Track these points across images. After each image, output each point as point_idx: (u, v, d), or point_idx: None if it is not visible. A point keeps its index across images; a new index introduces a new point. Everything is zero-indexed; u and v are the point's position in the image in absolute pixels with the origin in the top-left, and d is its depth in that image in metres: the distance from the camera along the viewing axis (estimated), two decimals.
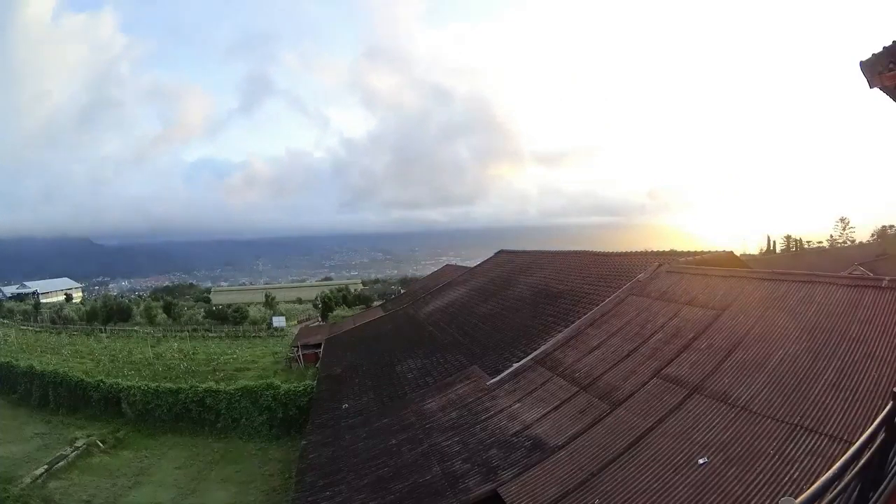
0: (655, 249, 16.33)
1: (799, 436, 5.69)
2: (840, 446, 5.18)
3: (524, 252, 26.75)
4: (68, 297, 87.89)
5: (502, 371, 11.71)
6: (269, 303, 63.97)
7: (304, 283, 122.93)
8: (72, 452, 15.63)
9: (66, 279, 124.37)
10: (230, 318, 52.53)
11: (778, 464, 5.42)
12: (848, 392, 5.98)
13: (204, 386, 19.27)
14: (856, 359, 6.48)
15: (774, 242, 79.24)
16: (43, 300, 78.17)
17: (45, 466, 14.47)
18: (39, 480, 13.79)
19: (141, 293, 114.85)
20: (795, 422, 5.91)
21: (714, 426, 6.58)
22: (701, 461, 5.98)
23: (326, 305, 55.27)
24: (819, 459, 5.19)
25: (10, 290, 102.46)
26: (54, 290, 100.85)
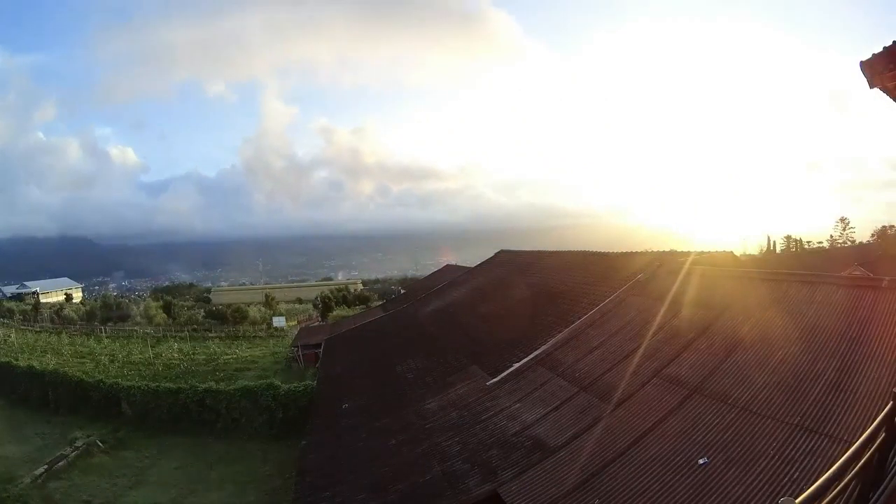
0: (656, 249, 16.34)
1: (799, 436, 5.69)
2: (840, 446, 5.18)
3: (524, 252, 26.74)
4: (68, 297, 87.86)
5: (502, 371, 11.70)
6: (269, 303, 64.00)
7: (304, 283, 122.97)
8: (72, 452, 15.63)
9: (66, 279, 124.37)
10: (230, 319, 52.57)
11: (778, 464, 5.42)
12: (848, 392, 5.98)
13: (204, 386, 19.26)
14: (856, 359, 6.48)
15: (774, 242, 79.18)
16: (43, 300, 78.16)
17: (45, 466, 14.47)
18: (39, 480, 13.79)
19: (141, 293, 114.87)
20: (795, 422, 5.91)
21: (714, 426, 6.58)
22: (701, 461, 5.98)
23: (326, 305, 55.31)
24: (819, 459, 5.19)
25: (10, 290, 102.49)
26: (54, 290, 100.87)
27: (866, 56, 4.30)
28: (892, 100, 4.37)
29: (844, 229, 70.52)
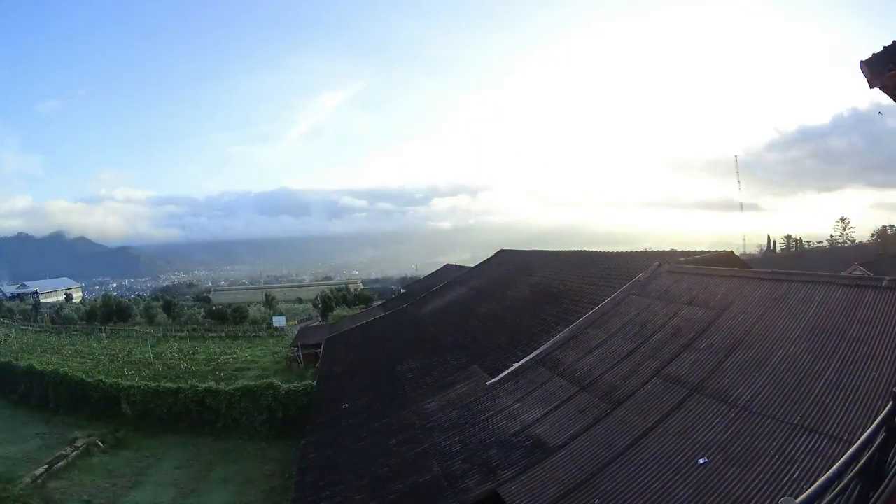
0: (656, 249, 16.35)
1: (799, 436, 5.68)
2: (840, 446, 5.17)
3: (524, 252, 26.78)
4: (68, 297, 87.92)
5: (502, 371, 11.70)
6: (269, 303, 64.04)
7: (304, 283, 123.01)
8: (72, 452, 15.64)
9: (66, 279, 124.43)
10: (230, 318, 52.58)
11: (778, 464, 5.42)
12: (848, 392, 5.97)
13: (204, 386, 19.28)
14: (856, 359, 6.47)
15: (774, 242, 79.31)
16: (43, 300, 78.25)
17: (45, 466, 14.47)
18: (39, 480, 13.79)
19: (141, 293, 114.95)
20: (795, 422, 5.91)
21: (714, 426, 6.58)
22: (701, 461, 5.98)
23: (326, 305, 55.37)
24: (819, 459, 5.19)
25: (10, 290, 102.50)
26: (54, 290, 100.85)
27: (866, 56, 4.30)
28: (892, 99, 4.38)
29: (844, 229, 70.63)
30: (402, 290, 47.72)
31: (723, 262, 13.30)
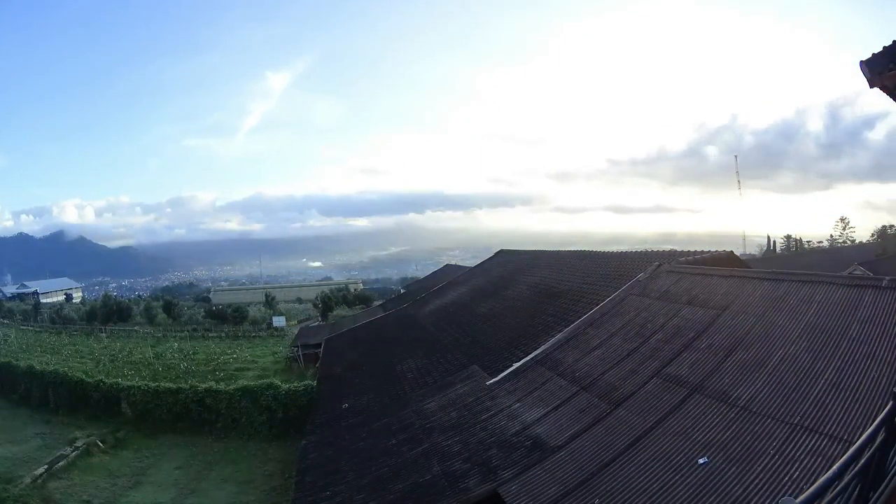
0: (656, 249, 16.37)
1: (799, 436, 5.69)
2: (840, 446, 5.18)
3: (524, 252, 26.79)
4: (68, 297, 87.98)
5: (502, 371, 11.71)
6: (269, 303, 63.95)
7: (304, 283, 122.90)
8: (72, 452, 15.62)
9: (66, 279, 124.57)
10: (230, 318, 52.54)
11: (778, 463, 5.42)
12: (848, 392, 5.98)
13: (204, 386, 19.25)
14: (856, 359, 6.48)
15: (774, 242, 79.19)
16: (43, 300, 78.30)
17: (45, 466, 14.46)
18: (39, 480, 13.78)
19: (141, 293, 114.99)
20: (795, 422, 5.91)
21: (714, 426, 6.58)
22: (701, 461, 5.98)
23: (326, 305, 55.38)
24: (819, 459, 5.19)
25: (10, 290, 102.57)
26: (54, 290, 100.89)
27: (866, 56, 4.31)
28: (892, 99, 4.38)
29: (844, 229, 70.50)
30: (402, 290, 47.71)
31: (723, 262, 13.31)
